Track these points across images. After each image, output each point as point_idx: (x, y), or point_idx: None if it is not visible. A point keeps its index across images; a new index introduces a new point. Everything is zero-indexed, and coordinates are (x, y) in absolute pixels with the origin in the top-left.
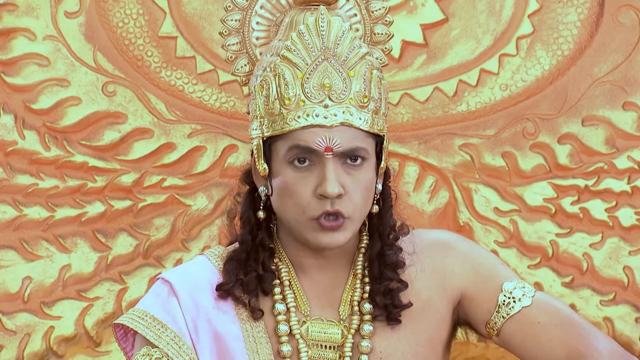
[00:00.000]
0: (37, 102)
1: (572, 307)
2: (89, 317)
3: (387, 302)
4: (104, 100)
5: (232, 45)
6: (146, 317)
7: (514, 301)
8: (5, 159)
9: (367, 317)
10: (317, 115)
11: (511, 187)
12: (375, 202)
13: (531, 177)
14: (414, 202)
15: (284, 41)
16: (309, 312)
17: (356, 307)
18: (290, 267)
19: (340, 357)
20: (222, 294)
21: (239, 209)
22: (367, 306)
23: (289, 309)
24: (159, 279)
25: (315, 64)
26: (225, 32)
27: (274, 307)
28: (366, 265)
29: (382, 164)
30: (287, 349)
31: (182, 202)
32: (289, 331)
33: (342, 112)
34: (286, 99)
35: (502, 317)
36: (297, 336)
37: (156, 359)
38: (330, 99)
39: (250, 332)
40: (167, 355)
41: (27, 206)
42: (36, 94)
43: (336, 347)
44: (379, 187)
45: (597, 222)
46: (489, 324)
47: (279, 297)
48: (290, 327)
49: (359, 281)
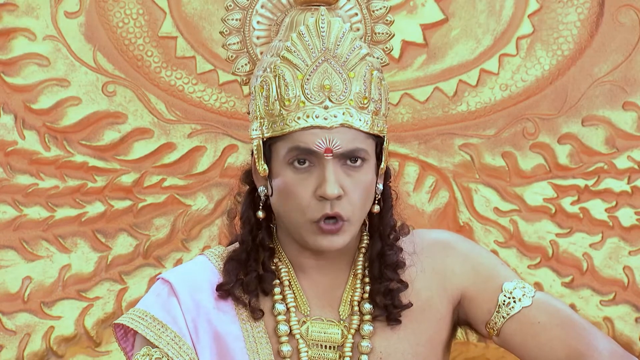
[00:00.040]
0: (37, 102)
1: (572, 307)
2: (89, 317)
3: (387, 303)
4: (104, 100)
5: (232, 44)
6: (146, 317)
7: (514, 301)
8: (5, 159)
9: (367, 317)
10: (317, 116)
11: (511, 187)
12: (376, 202)
13: (531, 177)
14: (414, 202)
15: (284, 42)
16: (309, 312)
17: (356, 307)
18: (289, 267)
19: (340, 357)
20: (222, 294)
21: (239, 209)
22: (367, 306)
23: (288, 309)
24: (159, 279)
25: (315, 65)
26: (225, 31)
27: (274, 307)
28: (366, 265)
29: (382, 165)
30: (287, 349)
31: (182, 202)
32: (289, 331)
33: (342, 114)
34: (286, 100)
35: (502, 317)
36: (297, 336)
37: (156, 359)
38: (330, 100)
39: (250, 332)
40: (167, 355)
41: (27, 206)
42: (36, 94)
43: (336, 347)
44: (380, 187)
45: (597, 222)
46: (489, 324)
47: (279, 297)
48: (290, 327)
49: (359, 281)
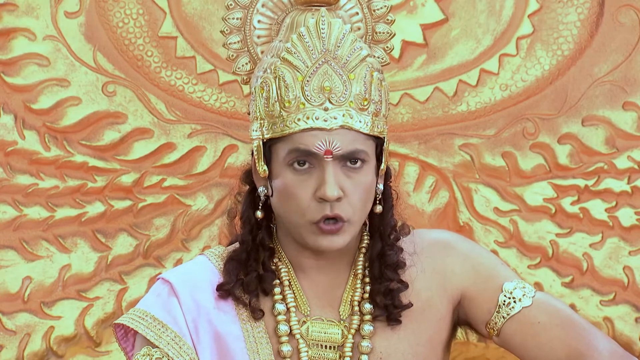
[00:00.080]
0: (37, 102)
1: (572, 307)
2: (89, 317)
3: (387, 303)
4: (104, 100)
5: (233, 43)
6: (146, 317)
7: (514, 301)
8: (5, 159)
9: (368, 317)
10: (317, 118)
11: (511, 187)
12: (377, 202)
13: (531, 177)
14: (414, 202)
15: (285, 43)
16: (309, 312)
17: (356, 307)
18: (289, 267)
19: (340, 357)
20: (222, 294)
21: (239, 209)
22: (368, 306)
23: (289, 309)
24: (159, 279)
25: (315, 67)
26: (226, 30)
27: (274, 307)
28: (367, 265)
29: (382, 166)
30: (287, 349)
31: (182, 202)
32: (289, 331)
33: (342, 115)
34: (286, 101)
35: (503, 317)
36: (297, 336)
37: (156, 359)
38: (330, 102)
39: (250, 332)
40: (168, 355)
41: (27, 206)
42: (36, 94)
43: (336, 347)
44: (380, 187)
45: (597, 222)
46: (489, 324)
47: (279, 297)
48: (290, 327)
49: (359, 281)
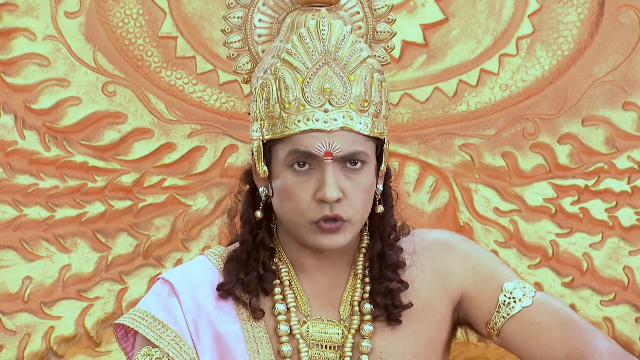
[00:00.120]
0: (37, 102)
1: (572, 307)
2: (89, 317)
3: (387, 303)
4: (104, 100)
5: (234, 42)
6: (147, 317)
7: (514, 301)
8: (5, 159)
9: (368, 317)
10: (317, 119)
11: (511, 187)
12: (378, 202)
13: (531, 177)
14: (414, 202)
15: (285, 44)
16: (309, 312)
17: (356, 307)
18: (290, 267)
19: (340, 357)
20: (222, 293)
21: (240, 208)
22: (368, 306)
23: (289, 309)
24: (159, 279)
25: (315, 68)
26: (227, 29)
27: (274, 307)
28: (367, 265)
29: (382, 167)
30: (287, 349)
31: (182, 202)
32: (289, 331)
33: (342, 117)
34: (286, 102)
35: (503, 317)
36: (298, 336)
37: (157, 359)
38: (330, 104)
39: (250, 332)
40: (168, 355)
41: (27, 206)
42: (36, 94)
43: (336, 347)
44: (380, 187)
45: (597, 222)
46: (489, 324)
47: (279, 297)
48: (290, 327)
49: (359, 281)
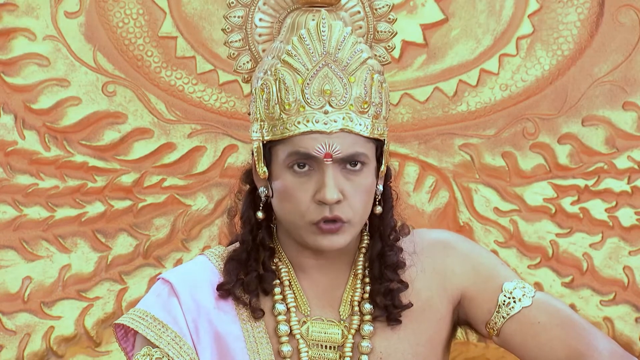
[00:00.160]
0: (37, 102)
1: (572, 307)
2: (89, 317)
3: (387, 303)
4: (104, 100)
5: (234, 42)
6: (147, 317)
7: (514, 301)
8: (5, 159)
9: (368, 317)
10: (317, 121)
11: (511, 187)
12: (377, 203)
13: (531, 177)
14: (414, 202)
15: (285, 45)
16: (309, 312)
17: (356, 308)
18: (289, 267)
19: (340, 357)
20: (222, 293)
21: (239, 208)
22: (368, 306)
23: (289, 309)
24: (159, 279)
25: (315, 70)
26: (227, 28)
27: (274, 307)
28: (366, 265)
29: (382, 168)
30: (287, 349)
31: (182, 202)
32: (289, 331)
33: (342, 118)
34: (286, 104)
35: (502, 317)
36: (298, 336)
37: (157, 359)
38: (330, 105)
39: (250, 332)
40: (168, 355)
41: (27, 206)
42: (36, 94)
43: (336, 347)
44: (380, 188)
45: (597, 222)
46: (489, 324)
47: (279, 297)
48: (290, 327)
49: (359, 281)
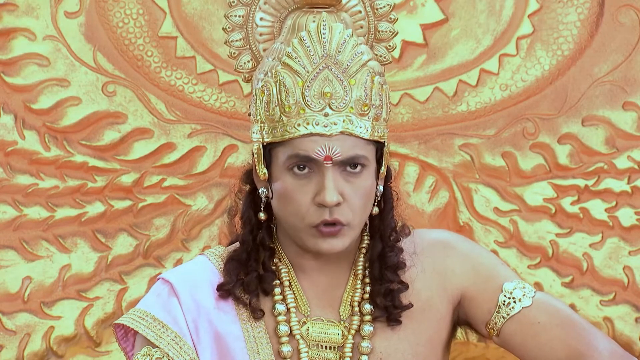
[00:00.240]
0: (37, 102)
1: (572, 307)
2: (89, 317)
3: (387, 304)
4: (104, 100)
5: (235, 41)
6: (147, 317)
7: (514, 301)
8: (5, 159)
9: (368, 317)
10: (317, 124)
11: (511, 187)
12: (377, 203)
13: (531, 177)
14: (414, 202)
15: (286, 47)
16: (309, 313)
17: (356, 308)
18: (289, 267)
19: (340, 357)
20: (222, 294)
21: (240, 208)
22: (368, 307)
23: (289, 310)
24: (159, 279)
25: (316, 72)
26: (228, 27)
27: (274, 308)
28: (367, 265)
29: (382, 169)
30: (287, 349)
31: (182, 202)
32: (289, 331)
33: (342, 121)
34: (286, 106)
35: (502, 317)
36: (298, 336)
37: (157, 359)
38: (330, 108)
39: (250, 332)
40: (168, 355)
41: (27, 206)
42: (36, 94)
43: (336, 347)
44: (380, 188)
45: (597, 222)
46: (489, 324)
47: (279, 297)
48: (290, 327)
49: (359, 282)
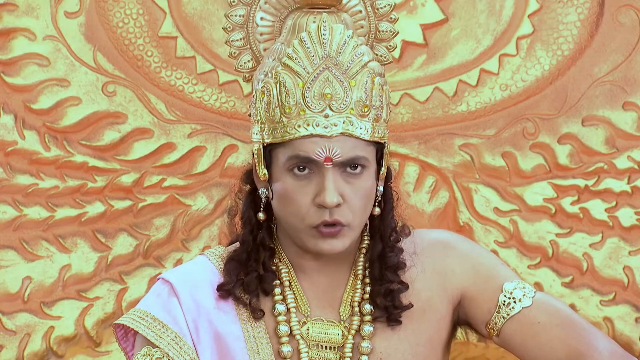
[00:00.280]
0: (37, 102)
1: (572, 307)
2: (89, 317)
3: (387, 304)
4: (104, 100)
5: (235, 40)
6: (147, 318)
7: (514, 301)
8: (5, 159)
9: (368, 317)
10: (317, 125)
11: (511, 187)
12: (377, 204)
13: (531, 177)
14: (414, 202)
15: (286, 47)
16: (309, 313)
17: (356, 308)
18: (290, 267)
19: (340, 357)
20: (223, 294)
21: (240, 207)
22: (368, 307)
23: (289, 310)
24: (159, 279)
25: (316, 73)
26: (229, 27)
27: (274, 308)
28: (367, 266)
29: (383, 170)
30: (287, 349)
31: (182, 202)
32: (290, 332)
33: (343, 122)
34: (287, 107)
35: (503, 317)
36: (298, 337)
37: (157, 359)
38: (330, 109)
39: (251, 332)
40: (168, 355)
41: (27, 206)
42: (36, 94)
43: (336, 347)
44: (380, 189)
45: (597, 222)
46: (489, 324)
47: (279, 297)
48: (290, 327)
49: (359, 282)
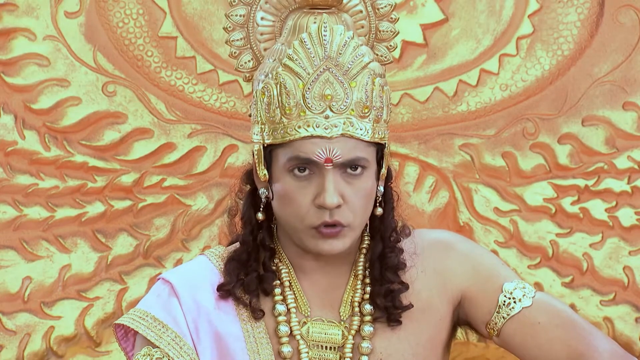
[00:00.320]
0: (37, 102)
1: (572, 307)
2: (89, 317)
3: (387, 304)
4: (104, 100)
5: (236, 40)
6: (147, 318)
7: (515, 302)
8: (5, 159)
9: (368, 318)
10: (317, 126)
11: (511, 187)
12: (378, 204)
13: (531, 177)
14: (414, 202)
15: (286, 48)
16: (309, 313)
17: (357, 308)
18: (290, 267)
19: (340, 357)
20: (223, 294)
21: (240, 207)
22: (368, 307)
23: (289, 310)
24: (159, 279)
25: (317, 74)
26: (229, 27)
27: (274, 308)
28: (367, 266)
29: (383, 170)
30: (287, 349)
31: (182, 202)
32: (290, 332)
33: (343, 123)
34: (287, 108)
35: (503, 317)
36: (298, 337)
37: (157, 359)
38: (331, 110)
39: (251, 332)
40: (168, 355)
41: (27, 206)
42: (36, 94)
43: (336, 347)
44: (381, 189)
45: (597, 222)
46: (489, 325)
47: (279, 297)
48: (290, 327)
49: (359, 282)
